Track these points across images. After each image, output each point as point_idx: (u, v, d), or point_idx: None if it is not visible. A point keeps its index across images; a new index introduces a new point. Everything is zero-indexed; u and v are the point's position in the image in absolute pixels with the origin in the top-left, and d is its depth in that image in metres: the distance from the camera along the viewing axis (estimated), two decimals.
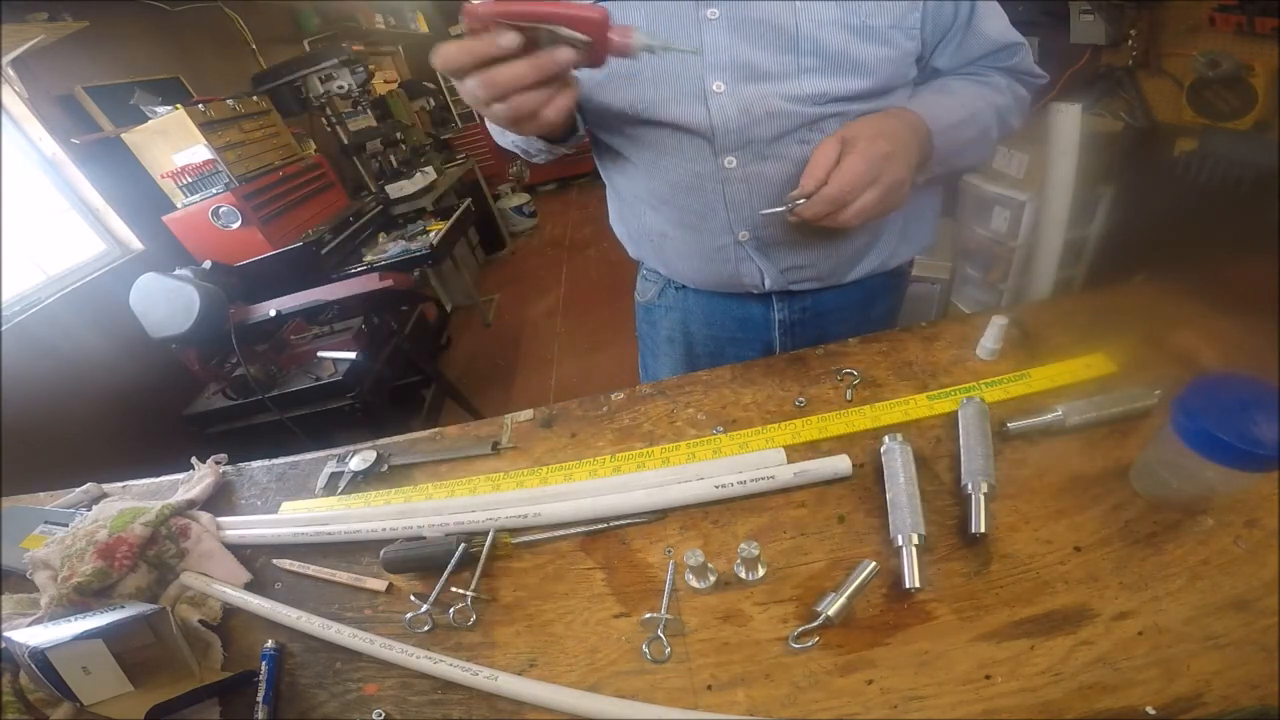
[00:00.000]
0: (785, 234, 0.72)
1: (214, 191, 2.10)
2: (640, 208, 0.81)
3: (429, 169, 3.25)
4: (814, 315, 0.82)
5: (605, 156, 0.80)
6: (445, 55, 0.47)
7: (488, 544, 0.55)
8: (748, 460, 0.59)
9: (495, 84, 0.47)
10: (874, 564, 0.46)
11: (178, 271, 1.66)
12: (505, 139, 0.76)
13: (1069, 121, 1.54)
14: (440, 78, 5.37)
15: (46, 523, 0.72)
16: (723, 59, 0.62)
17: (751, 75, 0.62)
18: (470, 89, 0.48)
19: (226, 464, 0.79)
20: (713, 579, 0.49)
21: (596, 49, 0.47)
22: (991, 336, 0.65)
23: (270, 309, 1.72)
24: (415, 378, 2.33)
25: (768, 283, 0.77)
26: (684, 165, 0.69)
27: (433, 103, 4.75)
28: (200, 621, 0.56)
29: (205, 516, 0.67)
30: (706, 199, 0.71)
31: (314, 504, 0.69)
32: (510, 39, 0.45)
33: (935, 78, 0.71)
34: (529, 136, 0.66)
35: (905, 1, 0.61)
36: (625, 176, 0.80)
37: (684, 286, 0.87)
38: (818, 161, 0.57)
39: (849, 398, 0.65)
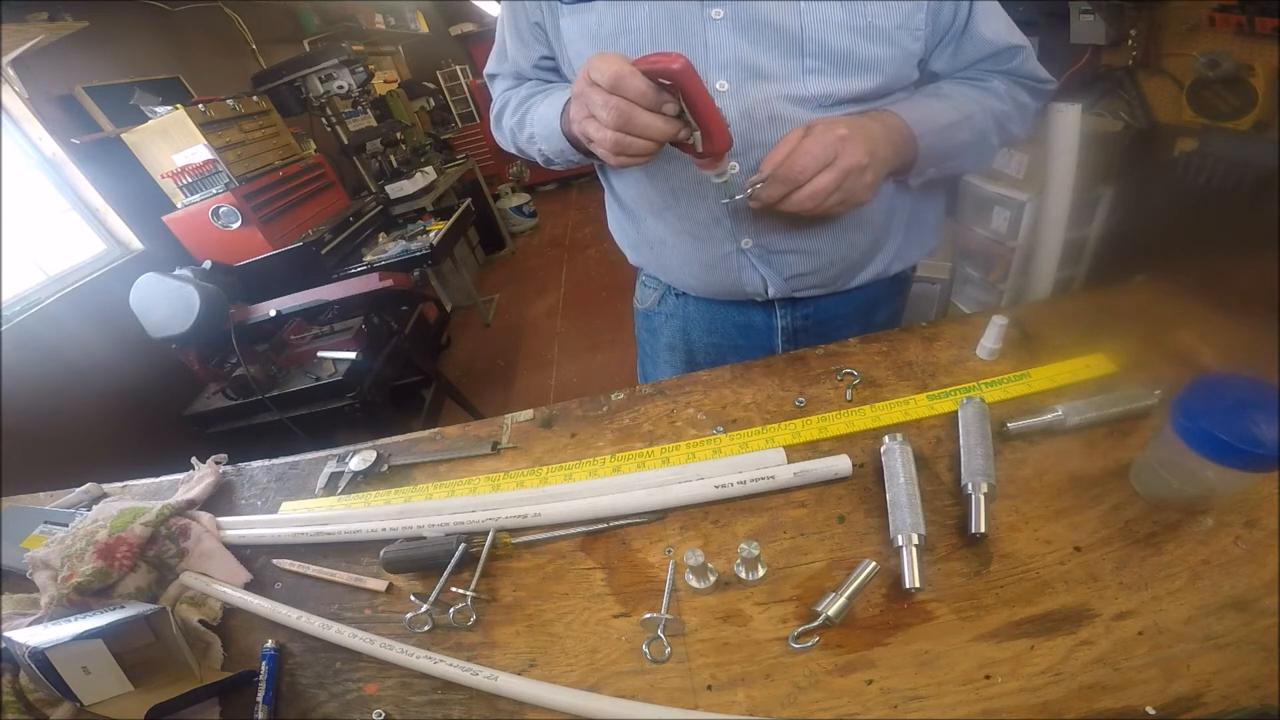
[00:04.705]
0: (790, 239, 0.71)
1: (214, 191, 2.10)
2: (640, 214, 0.80)
3: (429, 169, 3.25)
4: (817, 322, 0.82)
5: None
6: (610, 67, 0.49)
7: (488, 544, 0.56)
8: (748, 460, 0.59)
9: (630, 120, 0.51)
10: (874, 564, 0.46)
11: (178, 271, 1.66)
12: (532, 147, 0.76)
13: (1069, 121, 1.53)
14: (440, 78, 5.38)
15: (46, 523, 0.72)
16: (727, 58, 0.62)
17: (756, 75, 0.62)
18: (601, 103, 0.51)
19: (226, 464, 0.79)
20: (713, 579, 0.49)
21: (701, 152, 0.54)
22: (991, 336, 0.65)
23: (270, 309, 1.72)
24: (415, 378, 2.33)
25: (771, 290, 0.76)
26: (685, 170, 0.69)
27: (433, 103, 4.75)
28: (200, 621, 0.56)
29: (205, 516, 0.67)
30: (709, 206, 0.71)
31: (314, 504, 0.69)
32: (671, 107, 0.51)
33: (932, 81, 0.70)
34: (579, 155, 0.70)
35: (911, 1, 0.61)
36: (625, 182, 0.79)
37: (684, 294, 0.86)
38: (779, 147, 0.57)
39: (849, 398, 0.65)
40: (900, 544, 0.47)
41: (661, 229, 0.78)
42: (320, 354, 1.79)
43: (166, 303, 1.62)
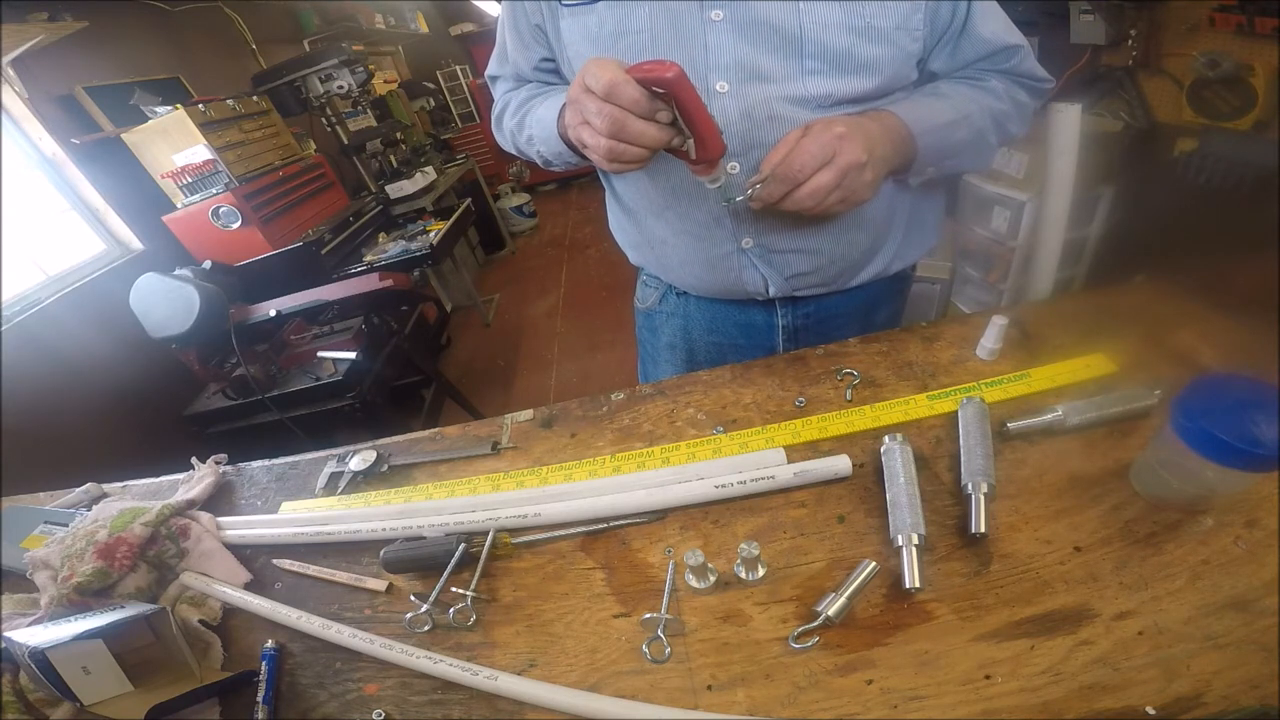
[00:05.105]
0: (791, 239, 0.71)
1: (214, 191, 2.10)
2: (641, 214, 0.80)
3: (429, 169, 3.25)
4: (817, 321, 0.82)
5: None
6: (605, 74, 0.49)
7: (488, 544, 0.56)
8: (748, 460, 0.59)
9: (624, 127, 0.51)
10: (874, 564, 0.46)
11: (178, 271, 1.66)
12: (531, 148, 0.76)
13: (1069, 121, 1.53)
14: (440, 78, 5.38)
15: (46, 523, 0.72)
16: (726, 60, 0.62)
17: (755, 76, 0.62)
18: (595, 110, 0.51)
19: (226, 464, 0.79)
20: (713, 579, 0.49)
21: (696, 159, 0.55)
22: (991, 336, 0.65)
23: (270, 309, 1.72)
24: (415, 378, 2.33)
25: (772, 290, 0.76)
26: (686, 171, 0.68)
27: (433, 103, 4.75)
28: (200, 621, 0.56)
29: (205, 516, 0.67)
30: (709, 206, 0.71)
31: (314, 504, 0.69)
32: (665, 115, 0.51)
33: (930, 80, 0.70)
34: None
35: (909, 1, 0.61)
36: (626, 182, 0.79)
37: (685, 293, 0.87)
38: (778, 147, 0.57)
39: (849, 398, 0.65)
40: (900, 544, 0.47)
41: (662, 229, 0.78)
42: (320, 354, 1.79)
43: (166, 303, 1.62)
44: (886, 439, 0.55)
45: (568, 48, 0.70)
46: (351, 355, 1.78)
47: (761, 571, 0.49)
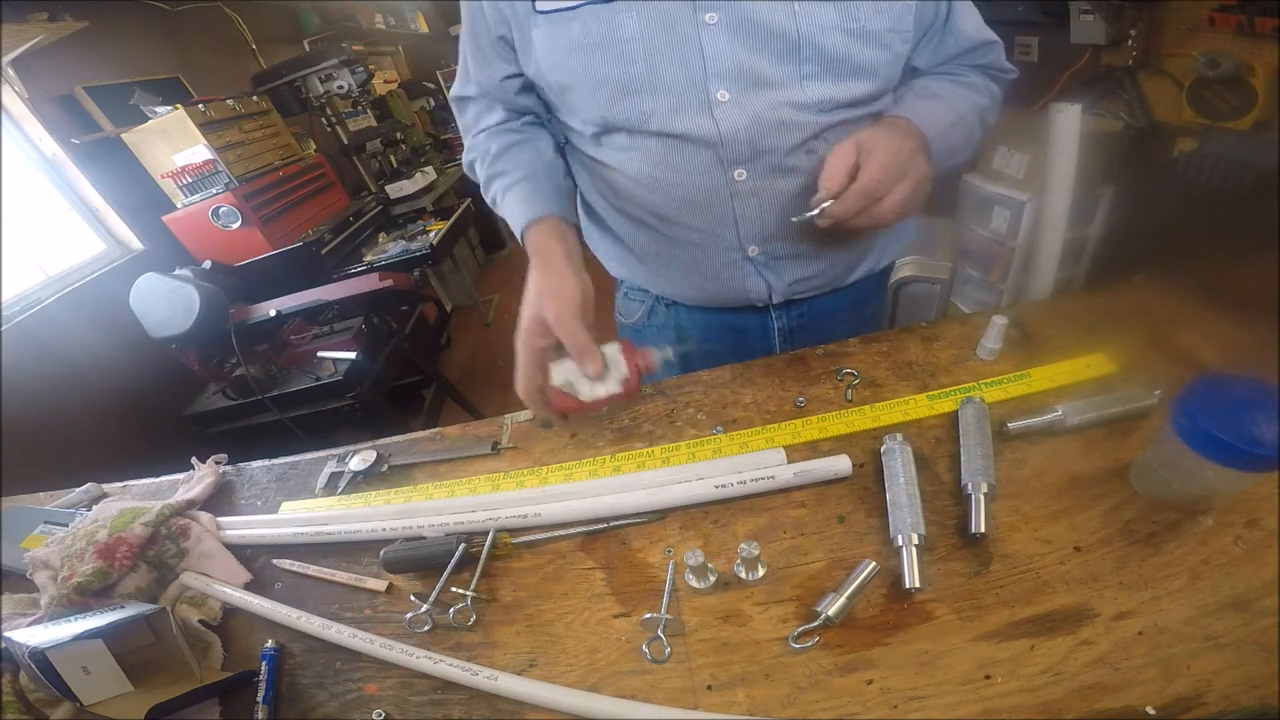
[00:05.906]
0: (796, 245, 0.71)
1: (214, 191, 2.10)
2: (627, 226, 0.77)
3: (429, 169, 3.25)
4: (811, 320, 0.82)
5: (589, 173, 0.76)
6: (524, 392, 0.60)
7: (488, 544, 0.56)
8: (748, 460, 0.59)
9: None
10: (874, 564, 0.46)
11: (178, 271, 1.66)
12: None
13: (1069, 121, 1.53)
14: (440, 78, 5.38)
15: (46, 523, 0.72)
16: (725, 65, 0.60)
17: (756, 83, 0.60)
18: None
19: (226, 464, 0.79)
20: (713, 579, 0.49)
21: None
22: (991, 336, 0.65)
23: (270, 309, 1.72)
24: (415, 378, 2.33)
25: (775, 295, 0.76)
26: (690, 180, 0.66)
27: (433, 103, 4.75)
28: (200, 621, 0.56)
29: (205, 516, 0.67)
30: (715, 214, 0.69)
31: (314, 504, 0.69)
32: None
33: (913, 77, 0.70)
34: None
35: (900, 3, 0.60)
36: (615, 193, 0.75)
37: (675, 303, 0.84)
38: (836, 164, 0.56)
39: (849, 398, 0.65)
40: (900, 544, 0.47)
41: (656, 241, 0.76)
42: (320, 354, 1.79)
43: (166, 303, 1.62)
44: (886, 439, 0.55)
45: (542, 59, 0.64)
46: (351, 355, 1.77)
47: (761, 571, 0.49)
